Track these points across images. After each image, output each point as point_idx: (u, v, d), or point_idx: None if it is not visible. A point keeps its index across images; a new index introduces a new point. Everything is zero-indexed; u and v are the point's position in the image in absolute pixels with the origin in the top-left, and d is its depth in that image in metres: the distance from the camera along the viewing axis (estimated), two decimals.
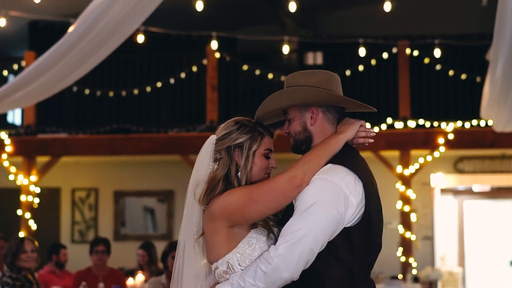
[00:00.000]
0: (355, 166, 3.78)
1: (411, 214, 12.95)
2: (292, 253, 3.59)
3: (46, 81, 9.48)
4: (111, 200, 15.41)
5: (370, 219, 3.75)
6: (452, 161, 14.75)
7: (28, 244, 7.61)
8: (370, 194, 3.77)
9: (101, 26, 8.42)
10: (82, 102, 14.21)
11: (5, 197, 14.88)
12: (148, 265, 11.24)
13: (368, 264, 3.81)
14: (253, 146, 3.88)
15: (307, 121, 3.89)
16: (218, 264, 3.81)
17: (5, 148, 13.38)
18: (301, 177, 3.69)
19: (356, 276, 3.72)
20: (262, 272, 3.61)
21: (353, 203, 3.70)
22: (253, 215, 3.74)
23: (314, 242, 3.62)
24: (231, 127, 3.94)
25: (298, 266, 3.61)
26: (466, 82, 13.47)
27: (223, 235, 3.78)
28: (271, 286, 3.64)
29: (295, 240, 3.60)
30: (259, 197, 3.71)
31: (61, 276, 10.78)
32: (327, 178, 3.70)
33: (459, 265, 15.68)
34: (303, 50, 14.76)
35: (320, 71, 3.96)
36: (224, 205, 3.76)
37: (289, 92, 3.89)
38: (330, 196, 3.66)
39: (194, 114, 13.97)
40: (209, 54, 13.67)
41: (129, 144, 13.49)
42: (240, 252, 3.77)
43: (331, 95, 3.86)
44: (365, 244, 3.75)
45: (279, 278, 3.61)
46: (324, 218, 3.63)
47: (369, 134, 3.91)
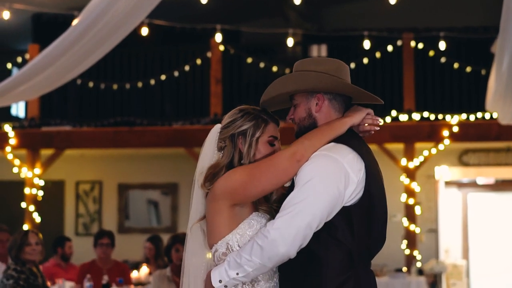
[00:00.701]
0: (358, 147, 3.75)
1: (415, 207, 12.93)
2: (289, 226, 3.54)
3: (50, 75, 9.46)
4: (115, 193, 15.40)
5: (371, 202, 3.70)
6: (457, 153, 14.71)
7: (32, 236, 7.60)
8: (373, 177, 3.73)
9: (106, 19, 8.39)
10: (86, 95, 14.21)
11: (9, 190, 14.88)
12: (155, 258, 11.24)
13: (369, 251, 3.75)
14: (257, 133, 3.86)
15: (312, 107, 3.87)
16: (218, 246, 3.78)
17: (9, 140, 13.38)
18: (301, 152, 3.68)
19: (355, 261, 3.67)
20: (258, 247, 3.56)
21: (354, 181, 3.65)
22: (254, 192, 3.72)
23: (312, 216, 3.56)
24: (235, 115, 3.93)
25: (295, 241, 3.55)
26: (471, 75, 13.44)
27: (225, 215, 3.76)
28: (267, 262, 3.58)
29: (293, 214, 3.55)
30: (260, 173, 3.70)
31: (66, 269, 10.78)
32: (329, 154, 3.67)
33: (463, 257, 15.67)
34: (307, 43, 14.73)
35: (330, 59, 3.93)
36: (226, 183, 3.75)
37: (296, 77, 3.87)
38: (330, 171, 3.62)
39: (198, 107, 13.95)
40: (213, 47, 13.65)
41: (133, 137, 13.48)
42: (240, 233, 3.75)
43: (338, 82, 3.83)
44: (365, 228, 3.69)
45: (276, 253, 3.54)
46: (323, 192, 3.58)
47: (376, 122, 3.89)
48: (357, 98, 3.98)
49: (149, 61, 14.29)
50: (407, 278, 12.02)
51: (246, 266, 3.60)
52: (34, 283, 7.47)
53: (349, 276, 3.64)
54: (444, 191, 15.27)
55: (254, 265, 3.59)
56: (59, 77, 9.78)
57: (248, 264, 3.59)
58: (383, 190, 3.86)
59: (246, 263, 3.59)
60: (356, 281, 3.66)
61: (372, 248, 3.78)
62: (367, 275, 3.75)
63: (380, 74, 13.66)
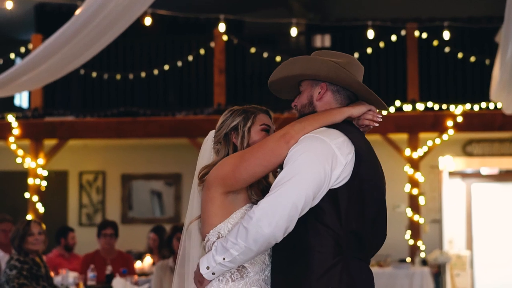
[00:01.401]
0: (350, 132, 3.72)
1: (419, 197, 12.90)
2: (274, 206, 3.50)
3: (53, 64, 9.44)
4: (119, 183, 15.40)
5: (361, 186, 3.66)
6: (461, 144, 14.69)
7: (35, 226, 7.58)
8: (364, 162, 3.68)
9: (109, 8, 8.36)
10: (90, 85, 14.20)
11: (12, 180, 14.89)
12: (159, 248, 11.24)
13: (360, 239, 3.67)
14: (248, 123, 3.90)
15: (314, 95, 3.85)
16: (210, 236, 3.78)
17: (13, 131, 13.38)
18: (291, 134, 3.67)
19: (343, 249, 3.62)
20: (243, 229, 3.52)
21: (342, 163, 3.61)
22: (245, 175, 3.70)
23: (297, 196, 3.52)
24: (225, 116, 3.99)
25: (280, 221, 3.49)
26: (475, 65, 13.41)
27: (217, 203, 3.75)
28: (252, 244, 3.52)
29: (278, 193, 3.52)
30: (250, 155, 3.70)
31: (69, 259, 10.79)
32: (317, 136, 3.65)
33: (467, 248, 15.67)
34: (311, 33, 14.70)
35: (345, 55, 3.91)
36: (218, 169, 3.76)
37: (303, 61, 3.86)
38: (318, 152, 3.59)
39: (201, 97, 13.94)
40: (216, 37, 13.61)
41: (136, 127, 13.47)
42: (232, 222, 3.74)
43: (342, 72, 3.79)
44: (355, 214, 3.64)
45: (261, 234, 3.49)
46: (308, 172, 3.54)
47: (376, 118, 3.86)
48: (362, 98, 3.93)
49: (152, 51, 14.27)
50: (411, 269, 12.01)
51: (232, 250, 3.56)
52: (37, 273, 7.47)
53: (336, 261, 3.60)
54: (448, 181, 15.25)
55: (240, 249, 3.55)
56: (62, 67, 9.76)
57: (233, 248, 3.55)
58: (379, 179, 3.82)
59: (232, 246, 3.55)
60: (344, 267, 3.61)
61: (365, 237, 3.70)
62: (359, 267, 3.69)
63: (384, 64, 13.61)
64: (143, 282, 9.40)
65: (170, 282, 8.26)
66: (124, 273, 8.78)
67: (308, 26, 14.74)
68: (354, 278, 3.64)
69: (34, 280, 7.40)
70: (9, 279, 7.30)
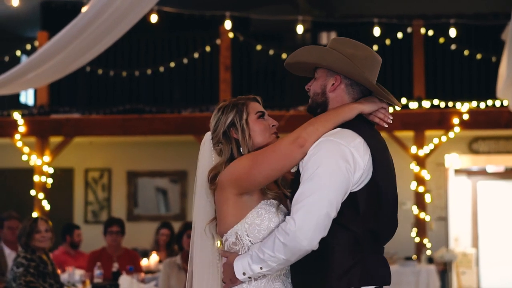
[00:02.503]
0: (365, 132, 3.73)
1: (425, 195, 12.89)
2: (308, 220, 3.53)
3: (59, 62, 9.45)
4: (124, 180, 15.40)
5: (378, 188, 3.68)
6: (466, 141, 14.66)
7: (42, 224, 7.57)
8: (379, 163, 3.71)
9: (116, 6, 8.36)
10: (95, 82, 14.19)
11: (18, 177, 14.90)
12: (168, 245, 11.23)
13: (377, 236, 3.73)
14: (243, 115, 3.89)
15: (328, 86, 3.87)
16: (228, 235, 3.81)
17: (19, 128, 13.39)
18: (304, 137, 3.67)
19: (362, 246, 3.66)
20: (280, 243, 3.55)
21: (361, 166, 3.64)
22: (259, 178, 3.71)
23: (328, 205, 3.56)
24: (216, 115, 3.99)
25: (316, 233, 3.54)
26: (481, 62, 13.37)
27: (232, 203, 3.77)
28: (291, 257, 3.58)
29: (309, 207, 3.54)
30: (264, 159, 3.70)
31: (75, 257, 10.79)
32: (335, 139, 3.65)
33: (472, 246, 15.66)
34: (316, 30, 14.68)
35: (365, 47, 3.91)
36: (231, 171, 3.77)
37: (321, 51, 3.87)
38: (338, 157, 3.60)
39: (207, 94, 13.93)
40: (222, 34, 13.60)
41: (142, 124, 13.47)
42: (248, 222, 3.76)
43: (355, 70, 3.80)
44: (372, 213, 3.68)
45: (299, 248, 3.54)
46: (334, 179, 3.57)
47: (387, 118, 3.87)
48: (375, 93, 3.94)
49: (158, 48, 14.26)
50: (417, 266, 11.99)
51: (270, 262, 3.62)
52: (44, 270, 7.46)
53: (356, 261, 3.65)
54: (453, 179, 15.23)
55: (278, 261, 3.61)
56: (68, 64, 9.76)
57: (271, 260, 3.61)
58: (392, 176, 3.85)
59: (270, 259, 3.61)
60: (363, 266, 3.66)
61: (381, 233, 3.75)
62: (376, 261, 3.74)
63: (390, 61, 13.57)
64: (150, 280, 9.40)
65: (178, 279, 8.27)
66: (130, 271, 8.78)
67: (314, 23, 14.72)
68: (373, 276, 3.69)
69: (41, 277, 7.40)
70: (16, 277, 7.29)
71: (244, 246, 3.77)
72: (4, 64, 13.33)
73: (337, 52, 3.83)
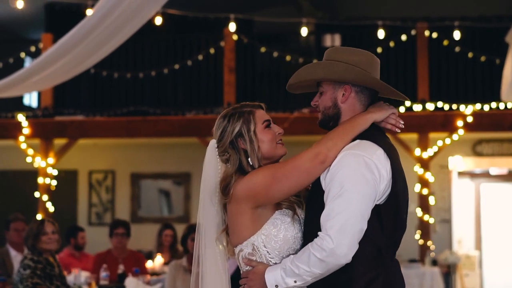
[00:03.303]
0: (382, 142, 3.75)
1: (429, 197, 12.89)
2: (344, 237, 3.53)
3: (65, 64, 9.47)
4: (128, 182, 15.40)
5: (398, 197, 3.71)
6: (470, 144, 14.65)
7: (48, 226, 7.58)
8: (398, 172, 3.73)
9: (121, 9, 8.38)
10: (100, 84, 14.20)
11: (22, 179, 14.91)
12: (171, 246, 11.25)
13: (395, 243, 3.78)
14: (251, 127, 3.85)
15: (338, 97, 3.86)
16: (243, 247, 3.80)
17: (23, 130, 13.39)
18: (325, 153, 3.66)
19: (384, 255, 3.69)
20: (317, 259, 3.56)
21: (384, 176, 3.66)
22: (278, 195, 3.71)
23: (361, 220, 3.58)
24: (222, 123, 3.92)
25: (352, 248, 3.55)
26: (485, 64, 13.37)
27: (247, 216, 3.75)
28: (326, 272, 3.60)
29: (343, 223, 3.54)
30: (283, 176, 3.68)
31: (80, 259, 10.79)
32: (357, 152, 3.66)
33: (476, 248, 15.63)
34: (320, 32, 14.68)
35: (363, 51, 3.93)
36: (248, 186, 3.74)
37: (326, 65, 3.86)
38: (363, 169, 3.61)
39: (211, 96, 13.92)
40: (226, 36, 13.60)
41: (146, 127, 13.47)
42: (265, 233, 3.75)
43: (367, 77, 3.82)
44: (393, 223, 3.71)
45: (336, 264, 3.56)
46: (362, 193, 3.59)
47: (398, 124, 3.90)
48: (384, 93, 3.98)
49: (162, 50, 14.26)
50: (421, 269, 11.99)
51: (305, 276, 3.63)
52: (51, 272, 7.47)
53: (379, 272, 3.67)
54: (457, 181, 15.21)
55: (313, 275, 3.62)
56: (73, 67, 9.80)
57: (306, 275, 3.62)
58: (406, 183, 3.87)
59: (305, 273, 3.62)
60: (385, 276, 3.69)
61: (399, 240, 3.81)
62: (393, 267, 3.77)
63: (394, 63, 13.57)
64: (155, 282, 9.40)
65: (184, 281, 8.28)
66: (136, 273, 8.78)
67: (318, 26, 14.72)
68: (393, 284, 3.75)
69: (48, 279, 7.40)
70: (23, 279, 7.30)
71: (261, 257, 3.77)
72: (8, 66, 13.36)
73: (342, 63, 3.83)
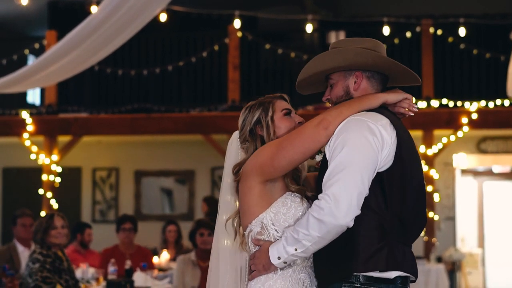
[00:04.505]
0: (390, 116, 3.73)
1: (433, 194, 12.88)
2: (343, 194, 3.48)
3: (70, 61, 9.47)
4: (132, 179, 15.39)
5: (403, 169, 3.66)
6: (475, 141, 14.63)
7: (58, 220, 7.56)
8: (404, 144, 3.69)
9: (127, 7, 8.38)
10: (104, 81, 14.20)
11: (26, 176, 14.91)
12: (176, 242, 11.25)
13: (404, 225, 3.68)
14: (269, 113, 3.89)
15: (351, 85, 3.85)
16: (252, 226, 3.80)
17: (27, 127, 13.40)
18: (328, 120, 3.66)
19: (388, 231, 3.63)
20: (315, 220, 3.51)
21: (388, 142, 3.62)
22: (283, 163, 3.70)
23: (361, 181, 3.52)
24: (244, 114, 4.00)
25: (351, 209, 3.49)
26: (490, 61, 13.36)
27: (256, 192, 3.76)
28: (326, 234, 3.53)
29: (343, 181, 3.50)
30: (288, 143, 3.69)
31: (85, 255, 10.77)
32: (362, 118, 3.64)
33: (478, 246, 15.65)
34: (325, 29, 14.69)
35: (368, 39, 3.90)
36: (255, 158, 3.78)
37: (334, 54, 3.84)
38: (366, 132, 3.59)
39: (216, 93, 13.91)
40: (231, 33, 13.59)
41: (150, 124, 13.46)
42: (274, 211, 3.76)
43: (379, 57, 3.80)
44: (398, 197, 3.64)
45: (334, 224, 3.49)
46: (364, 153, 3.55)
47: (412, 108, 3.87)
48: (395, 77, 3.95)
49: (167, 47, 14.25)
50: (426, 265, 11.98)
51: (304, 241, 3.56)
52: (60, 266, 7.45)
53: (382, 245, 3.62)
54: (460, 179, 15.22)
55: (312, 239, 3.55)
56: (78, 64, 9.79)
57: (306, 239, 3.56)
58: (417, 161, 3.82)
59: (304, 237, 3.55)
60: (390, 250, 3.62)
61: (408, 222, 3.70)
62: (403, 251, 3.68)
63: (399, 60, 13.27)
64: (162, 277, 9.39)
65: (192, 276, 8.28)
66: (144, 268, 8.77)
67: (322, 23, 14.72)
68: (399, 261, 3.65)
69: (57, 273, 7.38)
70: (32, 272, 7.28)
71: (270, 235, 3.76)
72: (12, 62, 13.36)
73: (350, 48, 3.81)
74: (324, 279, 3.76)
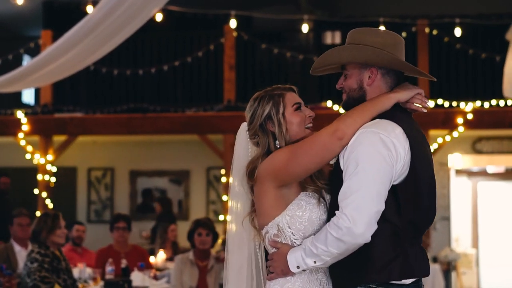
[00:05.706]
0: (403, 122, 3.70)
1: None
2: (360, 215, 3.49)
3: (66, 61, 9.46)
4: (127, 179, 15.38)
5: (417, 179, 3.65)
6: (470, 141, 14.64)
7: (62, 220, 7.63)
8: (418, 152, 3.68)
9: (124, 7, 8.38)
10: (99, 81, 14.18)
11: (22, 176, 14.85)
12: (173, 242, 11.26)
13: (416, 227, 3.69)
14: (280, 109, 3.86)
15: (365, 80, 3.84)
16: (269, 228, 3.80)
17: (22, 127, 13.37)
18: (343, 129, 3.64)
19: (401, 238, 3.64)
20: (334, 238, 3.52)
21: (402, 156, 3.60)
22: (297, 170, 3.69)
23: (378, 198, 3.53)
24: (252, 106, 3.94)
25: (369, 227, 3.50)
26: (485, 62, 13.37)
27: (271, 196, 3.76)
28: (344, 251, 3.55)
29: (359, 201, 3.50)
30: (303, 151, 3.68)
31: (82, 254, 10.76)
32: (374, 130, 3.62)
33: (472, 246, 15.67)
34: (320, 29, 14.69)
35: (388, 32, 3.89)
36: (270, 163, 3.76)
37: (352, 49, 3.83)
38: (380, 147, 3.57)
39: (211, 93, 13.88)
40: (226, 33, 13.58)
41: (146, 124, 13.43)
42: (289, 214, 3.75)
43: (394, 60, 3.79)
44: (411, 205, 3.65)
45: (353, 243, 3.51)
46: (379, 171, 3.54)
47: (425, 103, 3.85)
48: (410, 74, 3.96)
49: (162, 47, 14.24)
50: None
51: (323, 256, 3.60)
52: (58, 266, 7.45)
53: (397, 254, 3.62)
54: (454, 179, 15.23)
55: (331, 255, 3.58)
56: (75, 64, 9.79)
57: (325, 255, 3.59)
58: (430, 166, 3.82)
59: (323, 253, 3.58)
60: (404, 259, 3.63)
61: (420, 224, 3.73)
62: (416, 253, 3.70)
63: None
64: (160, 277, 9.38)
65: (190, 275, 8.28)
66: (141, 267, 8.75)
67: (318, 23, 14.72)
68: (414, 268, 3.67)
69: (55, 273, 7.39)
70: (31, 272, 7.28)
71: (286, 238, 3.78)
72: (7, 62, 13.33)
73: (368, 46, 3.78)
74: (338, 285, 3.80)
